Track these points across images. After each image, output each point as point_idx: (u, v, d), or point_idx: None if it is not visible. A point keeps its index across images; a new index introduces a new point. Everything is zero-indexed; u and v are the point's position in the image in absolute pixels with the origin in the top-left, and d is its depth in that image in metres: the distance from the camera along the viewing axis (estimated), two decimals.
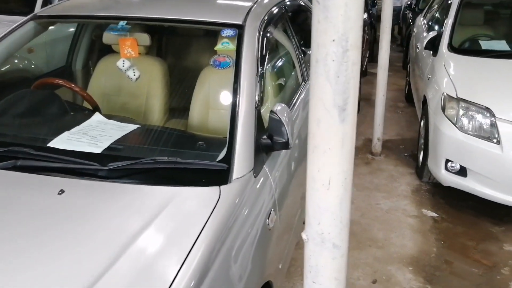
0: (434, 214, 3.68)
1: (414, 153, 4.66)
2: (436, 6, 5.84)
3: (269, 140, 1.97)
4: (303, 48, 3.17)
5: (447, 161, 3.56)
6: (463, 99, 3.51)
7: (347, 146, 0.99)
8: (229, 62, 2.20)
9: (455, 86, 3.66)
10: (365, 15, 7.87)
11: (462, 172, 3.51)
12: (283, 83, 2.77)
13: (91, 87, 2.84)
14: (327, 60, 0.93)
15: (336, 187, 1.01)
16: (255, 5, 2.53)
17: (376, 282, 2.91)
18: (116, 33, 2.40)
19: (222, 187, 1.69)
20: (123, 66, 2.49)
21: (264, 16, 2.51)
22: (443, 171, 3.61)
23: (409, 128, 5.45)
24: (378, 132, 4.62)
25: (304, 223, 1.21)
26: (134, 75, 2.53)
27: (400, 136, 5.27)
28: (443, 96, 3.68)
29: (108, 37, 2.56)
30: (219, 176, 1.75)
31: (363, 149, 4.88)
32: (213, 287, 1.42)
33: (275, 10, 2.74)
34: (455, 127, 3.49)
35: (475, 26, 4.68)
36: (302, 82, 2.96)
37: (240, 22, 2.33)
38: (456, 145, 3.48)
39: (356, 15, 0.91)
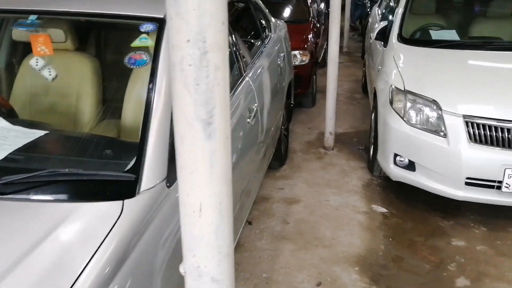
0: (384, 210, 3.60)
1: (367, 146, 4.57)
2: None
3: None
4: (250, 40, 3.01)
5: (396, 155, 3.48)
6: (410, 92, 3.42)
7: (218, 165, 0.83)
8: (146, 60, 2.02)
9: (403, 78, 3.57)
10: (322, 5, 7.74)
11: (411, 166, 3.42)
12: None
13: (16, 88, 2.61)
14: (183, 65, 0.77)
15: (209, 213, 0.86)
16: None
17: (321, 285, 2.80)
18: (25, 29, 2.19)
19: (126, 201, 1.52)
20: (37, 65, 2.29)
21: None
22: (392, 165, 3.52)
23: (364, 120, 5.37)
24: (330, 126, 4.52)
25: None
26: (50, 74, 2.33)
27: (354, 129, 5.18)
28: (391, 89, 3.58)
29: (17, 33, 2.34)
30: (125, 189, 1.58)
31: (316, 144, 4.77)
32: None
33: None
34: (402, 120, 3.40)
35: (427, 15, 4.60)
36: (242, 76, 2.79)
37: (162, 16, 2.16)
38: (403, 139, 3.40)
39: (215, 9, 0.76)
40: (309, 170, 4.22)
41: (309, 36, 5.76)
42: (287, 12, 6.33)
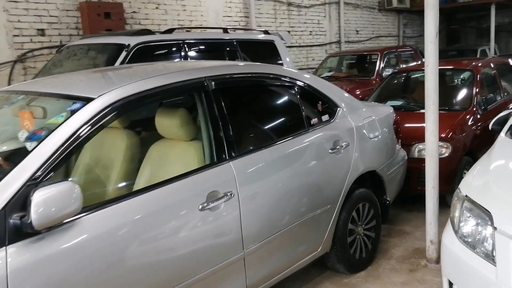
0: None
1: None
2: None
3: (18, 220, 1.82)
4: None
5: (450, 283, 2.61)
6: (469, 198, 2.58)
7: None
8: (41, 136, 2.13)
9: (473, 180, 2.73)
10: None
11: None
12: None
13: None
14: None
15: None
16: (136, 83, 2.45)
17: None
18: (10, 106, 2.60)
19: None
20: (21, 137, 2.64)
21: (142, 93, 2.41)
22: None
23: None
24: (430, 233, 3.68)
25: None
26: (30, 146, 2.65)
27: None
28: (456, 192, 2.77)
29: (11, 110, 2.75)
30: None
31: (424, 253, 3.90)
32: None
33: (172, 88, 2.60)
34: (455, 235, 2.57)
35: None
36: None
37: (93, 96, 2.28)
38: (453, 261, 2.55)
39: None
40: (386, 283, 3.49)
41: (459, 126, 4.92)
42: (446, 98, 5.58)
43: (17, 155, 2.34)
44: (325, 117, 3.38)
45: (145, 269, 2.21)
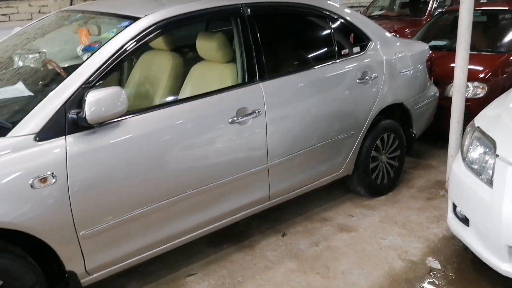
0: (437, 266, 2.99)
1: None
2: None
3: (75, 115, 2.19)
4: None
5: (455, 205, 2.86)
6: (479, 128, 2.77)
7: None
8: (94, 47, 2.48)
9: (487, 112, 2.90)
10: None
11: (466, 220, 2.76)
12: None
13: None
14: None
15: None
16: (179, 5, 2.73)
17: None
18: (70, 23, 2.95)
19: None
20: (79, 50, 3.02)
21: (183, 15, 2.69)
22: (451, 214, 2.91)
23: None
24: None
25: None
26: (86, 56, 3.02)
27: None
28: (471, 122, 2.95)
29: (71, 28, 3.11)
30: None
31: (443, 185, 4.12)
32: None
33: (212, 11, 2.86)
34: (462, 161, 2.79)
35: None
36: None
37: (140, 15, 2.59)
38: (458, 184, 2.78)
39: None
40: (403, 207, 3.76)
41: (499, 68, 4.94)
42: (492, 39, 5.53)
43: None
44: (356, 49, 3.56)
45: (181, 170, 2.58)
